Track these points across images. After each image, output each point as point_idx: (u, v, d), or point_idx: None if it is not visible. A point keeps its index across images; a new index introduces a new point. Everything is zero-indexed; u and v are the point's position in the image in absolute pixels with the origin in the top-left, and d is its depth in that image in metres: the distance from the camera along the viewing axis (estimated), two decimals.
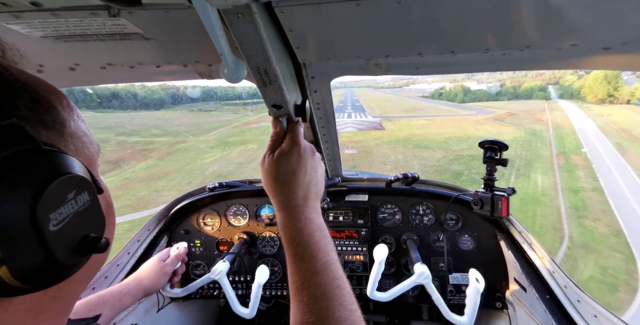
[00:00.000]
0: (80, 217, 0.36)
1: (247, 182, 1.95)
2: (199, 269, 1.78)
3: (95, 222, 0.40)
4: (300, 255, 0.63)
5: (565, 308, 1.14)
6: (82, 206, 0.36)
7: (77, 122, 0.43)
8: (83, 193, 0.37)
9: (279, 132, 0.75)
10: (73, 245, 0.35)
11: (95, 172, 0.44)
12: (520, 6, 0.60)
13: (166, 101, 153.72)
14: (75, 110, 0.44)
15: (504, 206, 1.26)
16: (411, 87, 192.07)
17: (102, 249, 0.38)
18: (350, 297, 0.61)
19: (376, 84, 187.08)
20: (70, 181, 0.35)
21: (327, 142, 1.43)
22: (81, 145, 0.42)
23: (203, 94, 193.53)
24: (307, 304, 0.58)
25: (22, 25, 0.62)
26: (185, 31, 0.68)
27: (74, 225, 0.35)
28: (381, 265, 1.31)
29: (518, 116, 45.76)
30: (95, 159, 0.45)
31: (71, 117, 0.42)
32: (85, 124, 0.45)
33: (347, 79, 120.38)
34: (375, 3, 0.58)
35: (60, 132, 0.39)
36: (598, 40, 0.72)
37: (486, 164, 1.30)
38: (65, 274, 0.36)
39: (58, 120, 0.39)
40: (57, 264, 0.33)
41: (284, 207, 0.69)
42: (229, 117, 66.23)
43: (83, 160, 0.41)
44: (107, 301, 1.07)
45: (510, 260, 1.47)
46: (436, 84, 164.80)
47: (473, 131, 33.46)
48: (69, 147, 0.39)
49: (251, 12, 0.52)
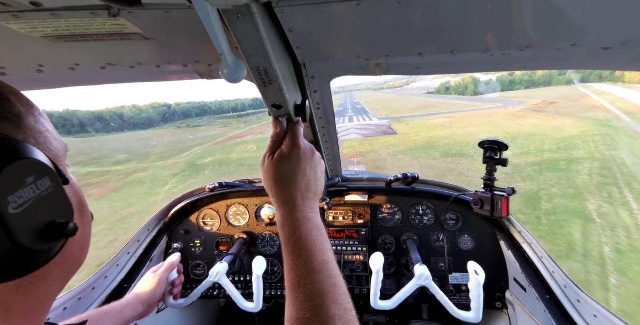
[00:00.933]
0: (44, 202, 0.36)
1: (247, 182, 1.95)
2: (199, 269, 1.78)
3: (61, 208, 0.39)
4: (297, 253, 0.64)
5: (565, 308, 1.14)
6: (44, 191, 0.36)
7: (38, 118, 0.43)
8: (44, 178, 0.36)
9: (279, 132, 0.76)
10: (39, 230, 0.35)
11: (62, 166, 0.44)
12: (520, 6, 0.60)
13: (155, 120, 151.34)
14: (35, 108, 0.44)
15: (504, 206, 1.26)
16: (412, 86, 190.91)
17: (70, 233, 0.38)
18: (346, 297, 0.61)
19: (375, 85, 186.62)
20: (28, 165, 0.35)
21: (327, 142, 1.43)
22: (43, 140, 0.42)
23: (197, 110, 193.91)
24: (303, 301, 0.59)
25: (22, 25, 0.62)
26: (185, 31, 0.68)
27: (37, 210, 0.35)
28: (379, 274, 1.30)
29: (560, 104, 38.04)
30: (61, 155, 0.45)
31: (30, 112, 0.42)
32: (50, 124, 0.45)
33: (345, 83, 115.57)
34: (375, 3, 0.58)
35: (17, 124, 0.39)
36: (598, 40, 0.72)
37: (486, 164, 1.30)
38: (34, 262, 0.35)
39: (13, 112, 0.39)
40: (23, 250, 0.33)
41: (283, 206, 0.71)
42: (215, 132, 60.48)
43: (47, 153, 0.41)
44: (109, 313, 1.08)
45: (510, 260, 1.47)
46: (438, 80, 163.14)
47: (516, 127, 24.58)
48: (28, 140, 0.39)
49: (251, 12, 0.52)
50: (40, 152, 0.38)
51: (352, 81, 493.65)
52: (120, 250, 1.55)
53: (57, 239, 0.37)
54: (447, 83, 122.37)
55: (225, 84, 0.83)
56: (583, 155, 14.47)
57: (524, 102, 47.02)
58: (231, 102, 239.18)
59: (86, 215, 0.48)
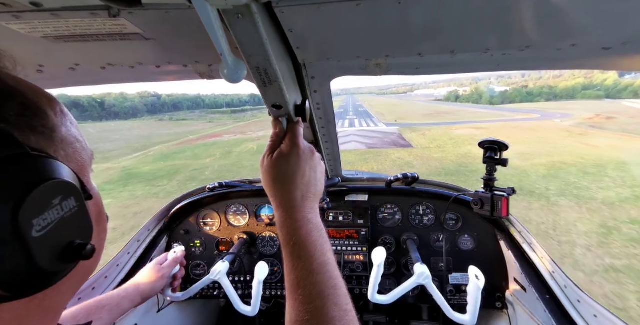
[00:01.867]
0: (65, 223, 0.36)
1: (247, 182, 1.95)
2: (199, 269, 1.78)
3: (81, 229, 0.39)
4: (297, 254, 0.64)
5: (565, 308, 1.14)
6: (67, 212, 0.36)
7: (69, 128, 0.43)
8: (69, 199, 0.36)
9: (278, 132, 0.76)
10: (57, 252, 0.35)
11: (87, 178, 0.44)
12: (520, 6, 0.60)
13: (140, 110, 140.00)
14: (68, 116, 0.44)
15: (504, 206, 1.26)
16: (416, 93, 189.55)
17: (87, 256, 0.38)
18: (346, 298, 0.61)
19: (378, 90, 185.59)
20: (56, 187, 0.35)
21: (327, 142, 1.43)
22: (72, 151, 0.42)
23: (189, 102, 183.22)
24: (302, 303, 0.58)
25: (22, 26, 0.62)
26: (185, 31, 0.68)
27: (58, 232, 0.35)
28: (380, 268, 1.31)
29: (620, 120, 29.61)
30: (87, 165, 0.45)
31: (63, 122, 0.42)
32: (79, 130, 0.45)
33: (347, 86, 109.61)
34: (375, 3, 0.58)
35: (51, 138, 0.38)
36: (598, 40, 0.72)
37: (486, 164, 1.30)
38: (49, 281, 0.35)
39: (48, 126, 0.39)
40: (40, 271, 0.33)
41: (282, 206, 0.70)
42: (196, 128, 52.01)
43: (74, 166, 0.40)
44: (106, 305, 1.07)
45: (510, 260, 1.47)
46: (444, 89, 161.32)
47: (586, 149, 15.84)
48: (59, 153, 0.39)
49: (251, 12, 0.52)
50: (68, 170, 0.37)
51: (354, 84, 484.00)
52: (120, 250, 1.55)
53: (75, 261, 0.37)
54: (455, 91, 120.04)
55: (225, 83, 0.84)
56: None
57: (568, 115, 37.79)
58: (227, 97, 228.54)
59: (103, 223, 0.48)
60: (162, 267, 1.35)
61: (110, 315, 1.06)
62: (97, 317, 1.02)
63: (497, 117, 40.78)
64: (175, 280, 1.39)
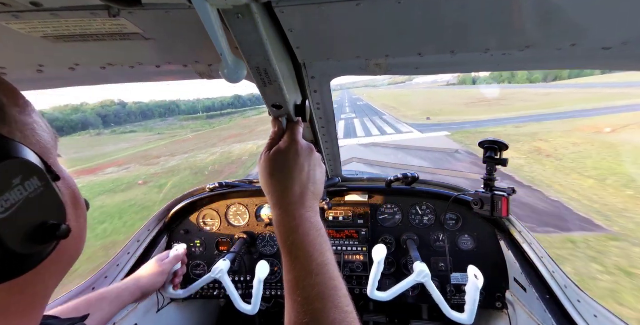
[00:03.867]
0: (33, 203, 0.34)
1: (247, 182, 1.95)
2: (199, 269, 1.78)
3: (53, 209, 0.38)
4: (294, 254, 0.62)
5: (565, 308, 1.14)
6: (32, 192, 0.35)
7: (24, 108, 0.41)
8: (32, 178, 0.35)
9: (278, 132, 0.75)
10: (28, 233, 0.34)
11: (53, 160, 0.43)
12: (520, 6, 0.60)
13: (91, 122, 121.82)
14: (20, 97, 0.42)
15: (504, 206, 1.26)
16: (415, 81, 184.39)
17: (62, 235, 0.37)
18: (346, 299, 0.59)
19: (374, 82, 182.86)
20: (14, 166, 0.33)
21: (327, 142, 1.43)
22: (30, 133, 0.40)
23: (162, 109, 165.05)
24: (302, 304, 0.57)
25: (22, 25, 0.62)
26: (185, 31, 0.68)
27: (26, 213, 0.33)
28: (380, 265, 1.32)
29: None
30: (50, 147, 0.43)
31: (14, 102, 0.40)
32: (36, 112, 0.44)
33: (343, 81, 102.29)
34: (375, 3, 0.58)
35: (2, 119, 0.37)
36: (598, 40, 0.72)
37: (486, 164, 1.30)
38: (26, 264, 0.34)
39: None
40: (13, 254, 0.32)
41: (279, 204, 0.68)
42: (125, 145, 41.75)
43: (35, 147, 0.39)
44: (106, 298, 1.08)
45: (510, 260, 1.47)
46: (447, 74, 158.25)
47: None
48: (14, 134, 0.37)
49: (251, 12, 0.52)
50: (27, 149, 0.36)
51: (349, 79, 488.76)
52: (120, 250, 1.55)
53: (49, 241, 0.36)
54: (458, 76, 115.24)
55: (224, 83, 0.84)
56: None
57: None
58: (209, 101, 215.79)
59: (80, 207, 0.47)
60: (164, 263, 1.35)
61: (110, 306, 1.07)
62: (98, 309, 1.03)
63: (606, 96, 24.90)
64: (176, 278, 1.40)
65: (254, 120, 65.20)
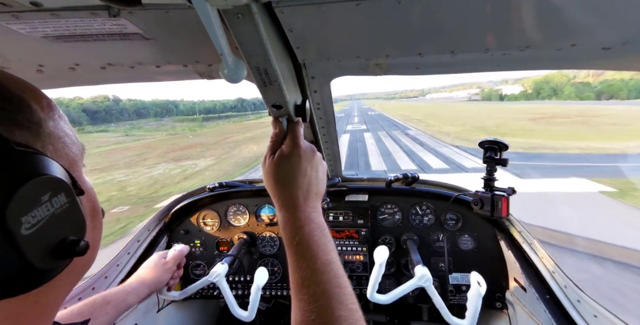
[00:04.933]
0: (56, 219, 0.35)
1: (247, 182, 1.95)
2: (199, 269, 1.78)
3: (74, 225, 0.38)
4: (300, 254, 0.64)
5: (565, 308, 1.14)
6: (58, 208, 0.35)
7: (57, 122, 0.42)
8: (59, 195, 0.35)
9: (278, 132, 0.76)
10: (49, 249, 0.34)
11: (78, 173, 0.44)
12: (520, 6, 0.60)
13: (76, 120, 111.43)
14: (56, 110, 0.43)
15: (504, 206, 1.26)
16: (430, 96, 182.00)
17: (80, 252, 0.37)
18: (351, 297, 0.60)
19: (385, 95, 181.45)
20: (45, 183, 0.34)
21: (327, 142, 1.43)
22: (62, 146, 0.41)
23: (158, 108, 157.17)
24: (307, 302, 0.58)
25: (22, 25, 0.62)
26: (185, 31, 0.68)
27: (49, 229, 0.34)
28: (381, 267, 1.30)
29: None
30: (77, 160, 0.44)
31: (50, 116, 0.40)
32: (68, 124, 0.44)
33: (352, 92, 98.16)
34: (375, 3, 0.58)
35: (37, 133, 0.37)
36: (598, 40, 0.72)
37: (486, 164, 1.30)
38: (43, 278, 0.35)
39: (33, 120, 0.38)
40: (32, 269, 0.32)
41: (285, 206, 0.70)
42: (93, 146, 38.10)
43: (64, 161, 0.40)
44: (111, 301, 1.07)
45: (510, 260, 1.47)
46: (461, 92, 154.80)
47: None
48: (47, 148, 0.38)
49: (251, 12, 0.52)
50: (57, 165, 0.37)
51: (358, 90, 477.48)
52: (120, 250, 1.55)
53: (68, 257, 0.37)
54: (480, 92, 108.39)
55: (228, 85, 0.83)
56: None
57: None
58: (212, 102, 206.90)
59: (98, 218, 0.47)
60: (167, 261, 1.34)
61: (116, 310, 1.06)
62: (102, 313, 1.02)
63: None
64: (171, 279, 1.39)
65: (242, 125, 61.02)
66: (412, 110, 51.88)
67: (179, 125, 78.60)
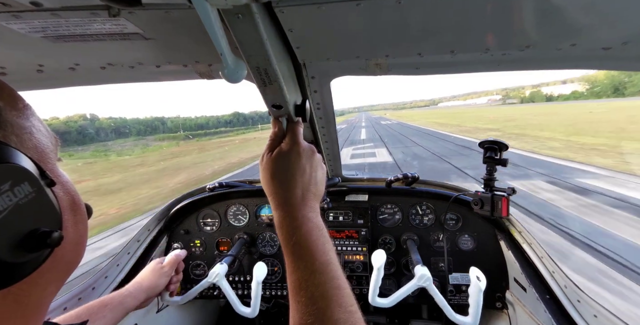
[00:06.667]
0: (23, 210, 0.33)
1: (247, 182, 1.95)
2: (199, 269, 1.78)
3: (45, 216, 0.37)
4: (297, 254, 0.62)
5: (565, 308, 1.14)
6: (22, 198, 0.33)
7: (22, 112, 0.40)
8: (22, 184, 0.34)
9: (277, 132, 0.75)
10: (17, 241, 0.32)
11: (50, 165, 0.42)
12: (520, 6, 0.60)
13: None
14: (19, 100, 0.41)
15: (504, 206, 1.26)
16: (442, 104, 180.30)
17: (53, 243, 0.36)
18: (350, 298, 0.59)
19: (394, 105, 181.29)
20: (4, 171, 0.32)
21: (327, 142, 1.43)
22: (28, 137, 0.39)
23: (142, 126, 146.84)
24: (306, 305, 0.56)
25: (22, 25, 0.62)
26: (185, 31, 0.68)
27: (15, 219, 0.32)
28: (380, 271, 1.30)
29: None
30: (48, 151, 0.42)
31: (12, 105, 0.39)
32: (36, 116, 0.43)
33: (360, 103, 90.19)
34: (375, 3, 0.58)
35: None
36: (598, 40, 0.72)
37: (486, 164, 1.30)
38: (16, 273, 0.33)
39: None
40: (1, 263, 0.31)
41: (281, 205, 0.68)
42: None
43: (31, 152, 0.38)
44: (108, 304, 1.07)
45: (510, 260, 1.47)
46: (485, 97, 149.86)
47: None
48: (10, 138, 0.36)
49: (251, 12, 0.52)
50: (20, 154, 0.35)
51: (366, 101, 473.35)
52: (120, 250, 1.55)
53: (40, 249, 0.35)
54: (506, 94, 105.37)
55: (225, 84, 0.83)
56: None
57: None
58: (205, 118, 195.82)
59: (80, 212, 0.45)
60: (163, 266, 1.35)
61: (113, 313, 1.06)
62: (100, 316, 1.02)
63: None
64: (171, 284, 1.38)
65: (196, 145, 52.58)
66: (449, 117, 37.52)
67: (156, 144, 72.15)
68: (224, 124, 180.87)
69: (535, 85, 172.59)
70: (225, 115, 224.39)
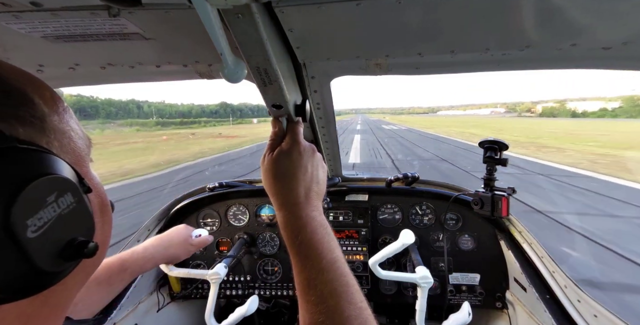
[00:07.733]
0: (64, 220, 0.33)
1: (247, 182, 1.95)
2: (199, 269, 1.78)
3: (82, 225, 0.37)
4: (304, 254, 0.62)
5: (565, 308, 1.14)
6: (65, 209, 0.34)
7: (62, 115, 0.40)
8: (66, 195, 0.34)
9: (278, 132, 0.75)
10: (57, 251, 0.33)
11: (85, 169, 0.42)
12: (520, 6, 0.60)
13: None
14: (60, 103, 0.40)
15: (504, 206, 1.26)
16: (442, 113, 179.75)
17: (89, 253, 0.36)
18: (359, 295, 0.59)
19: (392, 110, 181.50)
20: (51, 183, 0.32)
21: (327, 142, 1.43)
22: (67, 141, 0.39)
23: (114, 108, 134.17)
24: (315, 304, 0.56)
25: (22, 25, 0.62)
26: (185, 31, 0.68)
27: (56, 230, 0.33)
28: (402, 246, 1.28)
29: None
30: (84, 155, 0.42)
31: (54, 110, 0.38)
32: (74, 117, 0.42)
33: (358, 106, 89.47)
34: (375, 3, 0.58)
35: (41, 128, 0.35)
36: (598, 40, 0.72)
37: (486, 164, 1.30)
38: (51, 280, 0.34)
39: (37, 115, 0.35)
40: (40, 272, 0.31)
41: (285, 205, 0.68)
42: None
43: (70, 157, 0.38)
44: (129, 268, 1.07)
45: (510, 260, 1.47)
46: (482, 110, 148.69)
47: None
48: (52, 144, 0.36)
49: (251, 12, 0.52)
50: (63, 163, 0.35)
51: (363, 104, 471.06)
52: (120, 250, 1.54)
53: (77, 259, 0.36)
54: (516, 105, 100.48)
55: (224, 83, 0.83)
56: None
57: None
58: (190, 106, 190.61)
59: (107, 214, 0.46)
60: (192, 244, 1.36)
61: (132, 276, 1.09)
62: (119, 279, 1.04)
63: None
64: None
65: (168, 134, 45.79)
66: (470, 125, 32.65)
67: (123, 130, 68.43)
68: (209, 114, 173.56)
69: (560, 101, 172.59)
70: (211, 105, 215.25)
